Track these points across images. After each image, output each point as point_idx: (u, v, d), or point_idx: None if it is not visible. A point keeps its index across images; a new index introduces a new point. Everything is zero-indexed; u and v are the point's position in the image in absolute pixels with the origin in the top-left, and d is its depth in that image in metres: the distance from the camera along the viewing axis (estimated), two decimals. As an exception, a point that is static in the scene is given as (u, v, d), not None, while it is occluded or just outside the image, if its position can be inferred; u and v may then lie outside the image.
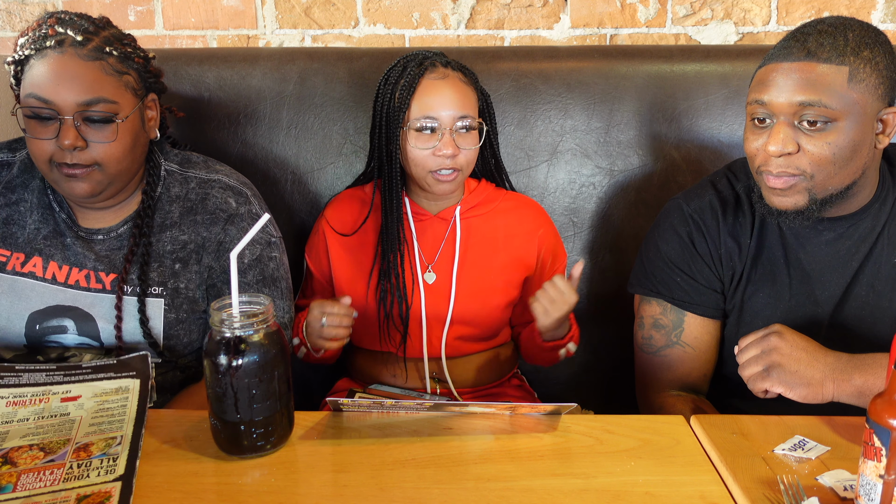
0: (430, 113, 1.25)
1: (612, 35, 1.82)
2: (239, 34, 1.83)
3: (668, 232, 1.25)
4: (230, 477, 0.86)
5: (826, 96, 1.03)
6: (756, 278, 1.20)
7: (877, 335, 1.15)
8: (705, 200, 1.23)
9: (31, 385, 0.99)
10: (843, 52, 1.03)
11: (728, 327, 1.25)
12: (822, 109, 1.03)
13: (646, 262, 1.29)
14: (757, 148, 1.10)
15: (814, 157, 1.05)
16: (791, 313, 1.18)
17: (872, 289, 1.16)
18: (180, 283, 1.22)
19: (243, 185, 1.29)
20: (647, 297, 1.28)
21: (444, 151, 1.24)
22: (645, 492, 0.84)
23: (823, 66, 1.03)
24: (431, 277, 1.35)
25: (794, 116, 1.05)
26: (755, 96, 1.09)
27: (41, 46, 1.10)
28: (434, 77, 1.26)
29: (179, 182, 1.26)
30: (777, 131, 1.06)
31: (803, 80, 1.04)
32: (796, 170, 1.07)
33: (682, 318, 1.24)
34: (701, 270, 1.23)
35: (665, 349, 1.26)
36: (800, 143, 1.06)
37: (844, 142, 1.05)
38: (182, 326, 1.23)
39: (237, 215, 1.25)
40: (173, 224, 1.24)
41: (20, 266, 1.20)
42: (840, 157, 1.05)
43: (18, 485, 0.81)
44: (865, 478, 0.76)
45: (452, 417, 1.00)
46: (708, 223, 1.22)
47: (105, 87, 1.12)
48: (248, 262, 1.24)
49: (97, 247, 1.22)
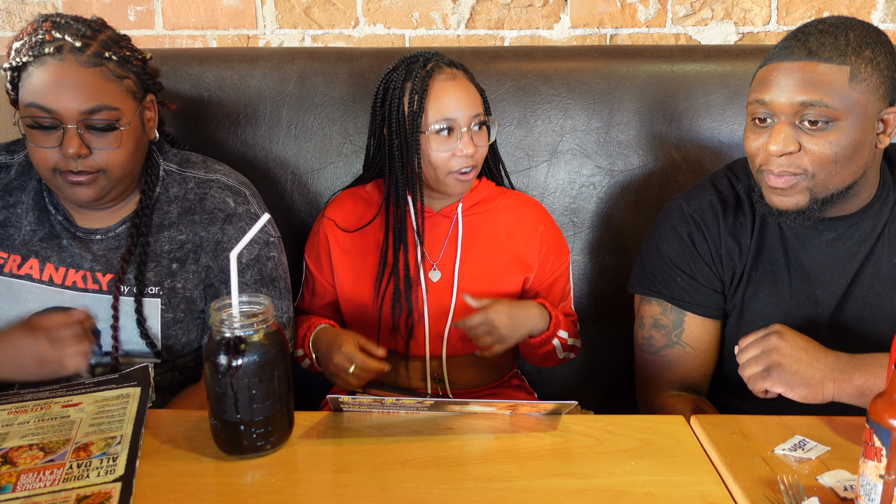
0: (447, 115, 1.25)
1: (612, 35, 1.82)
2: (239, 34, 1.83)
3: (668, 232, 1.25)
4: (230, 477, 0.86)
5: (827, 96, 1.03)
6: (756, 278, 1.20)
7: (878, 335, 1.14)
8: (706, 200, 1.23)
9: (34, 400, 0.99)
10: (845, 52, 1.03)
11: (728, 327, 1.25)
12: (823, 109, 1.03)
13: (646, 262, 1.29)
14: (758, 147, 1.10)
15: (815, 157, 1.05)
16: (791, 313, 1.18)
17: (873, 289, 1.15)
18: (177, 282, 1.22)
19: (242, 185, 1.29)
20: (647, 297, 1.28)
21: (465, 151, 1.26)
22: (645, 492, 0.84)
23: (825, 65, 1.03)
24: (436, 275, 1.35)
25: (795, 116, 1.05)
26: (756, 96, 1.09)
27: (39, 53, 1.09)
28: (444, 78, 1.27)
29: (178, 182, 1.26)
30: (778, 131, 1.06)
31: (804, 79, 1.04)
32: (798, 169, 1.07)
33: (683, 318, 1.24)
34: (701, 270, 1.22)
35: (665, 349, 1.26)
36: (801, 143, 1.06)
37: (846, 141, 1.04)
38: (180, 326, 1.22)
39: (235, 215, 1.25)
40: (171, 224, 1.23)
41: (17, 268, 1.20)
42: (841, 156, 1.05)
43: (18, 485, 0.81)
44: (865, 478, 0.76)
45: (452, 417, 1.00)
46: (708, 223, 1.22)
47: (106, 93, 1.12)
48: (246, 261, 1.24)
49: (95, 247, 1.22)
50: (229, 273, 1.21)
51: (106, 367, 1.21)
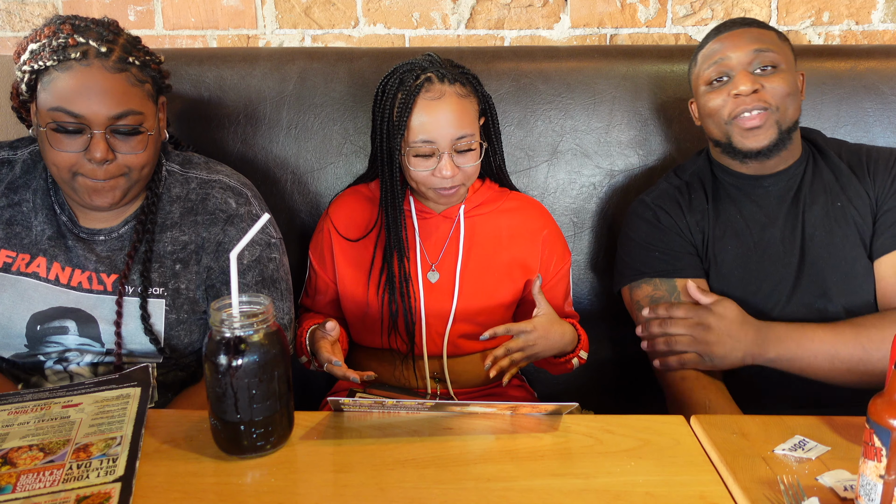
0: (426, 137, 1.23)
1: (612, 35, 1.82)
2: (239, 34, 1.83)
3: (634, 221, 1.40)
4: (230, 477, 0.86)
5: (772, 45, 1.29)
6: (721, 235, 1.34)
7: (844, 272, 1.28)
8: (661, 189, 1.41)
9: (34, 400, 0.99)
10: (766, 25, 1.33)
11: (710, 283, 1.34)
12: (771, 55, 1.28)
13: (623, 256, 1.41)
14: (724, 100, 1.29)
15: (775, 92, 1.27)
16: (759, 259, 1.31)
17: (830, 232, 1.30)
18: (181, 283, 1.22)
19: (244, 186, 1.29)
20: (634, 283, 1.37)
21: (443, 173, 1.24)
22: (645, 492, 0.84)
23: (759, 29, 1.31)
24: (435, 276, 1.35)
25: (749, 65, 1.28)
26: (711, 60, 1.31)
27: (65, 57, 1.09)
28: (430, 97, 1.23)
29: (180, 182, 1.26)
30: (741, 75, 1.27)
31: (752, 35, 1.29)
32: (765, 103, 1.26)
33: (674, 284, 1.33)
34: (673, 240, 1.35)
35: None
36: (762, 84, 1.27)
37: (790, 80, 1.29)
38: (183, 327, 1.23)
39: (237, 216, 1.25)
40: (174, 224, 1.24)
41: (25, 266, 1.20)
42: (792, 91, 1.28)
43: (18, 485, 0.81)
44: (865, 478, 0.76)
45: (453, 417, 1.00)
46: (668, 204, 1.38)
47: (132, 98, 1.13)
48: (247, 262, 1.24)
49: (98, 248, 1.22)
50: (230, 275, 1.22)
51: (108, 367, 1.21)
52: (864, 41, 1.84)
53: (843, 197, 1.31)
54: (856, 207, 1.30)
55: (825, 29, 1.83)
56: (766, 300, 1.30)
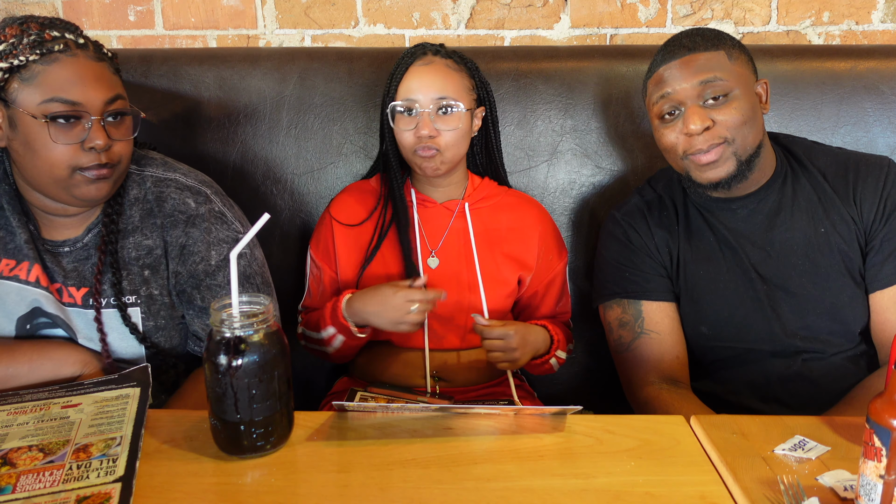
0: (409, 96, 1.31)
1: (612, 35, 1.82)
2: (239, 34, 1.83)
3: (607, 239, 1.39)
4: (230, 477, 0.86)
5: (719, 72, 1.20)
6: (692, 258, 1.31)
7: (823, 300, 1.25)
8: (632, 205, 1.38)
9: (33, 401, 0.99)
10: (715, 42, 1.22)
11: (682, 307, 1.33)
12: (720, 84, 1.19)
13: (598, 274, 1.40)
14: (676, 137, 1.23)
15: (729, 124, 1.19)
16: (733, 283, 1.28)
17: (808, 259, 1.25)
18: (153, 289, 1.20)
19: (202, 185, 1.25)
20: (607, 303, 1.37)
21: (422, 132, 1.29)
22: (645, 492, 0.84)
23: (705, 53, 1.21)
24: (435, 262, 1.37)
25: (699, 98, 1.20)
26: (660, 93, 1.23)
27: (48, 50, 1.08)
28: (420, 64, 1.32)
29: (137, 183, 1.23)
30: (691, 112, 1.20)
31: (697, 65, 1.20)
32: (719, 138, 1.20)
33: (640, 307, 1.32)
34: (643, 261, 1.33)
35: (634, 342, 1.32)
36: (713, 118, 1.20)
37: (745, 105, 1.20)
38: (162, 334, 1.21)
39: (197, 216, 1.22)
40: (135, 229, 1.20)
41: (8, 272, 1.17)
42: (748, 117, 1.20)
43: (18, 486, 0.81)
44: (865, 478, 0.76)
45: (453, 417, 1.00)
46: (637, 222, 1.35)
47: (117, 84, 1.15)
48: (215, 263, 1.22)
49: (64, 260, 1.18)
50: (199, 278, 1.21)
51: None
52: (864, 41, 1.84)
53: (827, 222, 1.25)
54: (840, 234, 1.24)
55: (825, 29, 1.83)
56: (741, 330, 1.27)
